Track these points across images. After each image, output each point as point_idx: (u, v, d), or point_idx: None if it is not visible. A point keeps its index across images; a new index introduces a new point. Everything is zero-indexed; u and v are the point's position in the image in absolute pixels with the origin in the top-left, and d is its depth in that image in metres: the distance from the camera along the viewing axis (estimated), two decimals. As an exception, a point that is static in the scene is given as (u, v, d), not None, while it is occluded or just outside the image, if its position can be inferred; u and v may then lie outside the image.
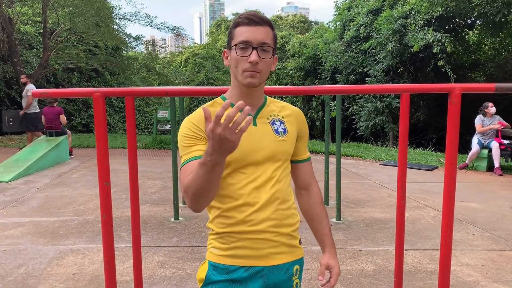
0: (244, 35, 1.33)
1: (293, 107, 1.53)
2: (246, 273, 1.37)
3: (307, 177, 1.56)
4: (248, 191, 1.36)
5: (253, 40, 1.32)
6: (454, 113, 1.87)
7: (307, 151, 1.58)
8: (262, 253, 1.37)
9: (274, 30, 1.40)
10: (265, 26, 1.35)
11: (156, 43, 24.20)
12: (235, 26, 1.37)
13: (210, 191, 1.23)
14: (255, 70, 1.33)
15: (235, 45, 1.34)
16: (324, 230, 1.54)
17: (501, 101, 13.04)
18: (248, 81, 1.34)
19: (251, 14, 1.36)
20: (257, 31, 1.33)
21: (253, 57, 1.31)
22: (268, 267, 1.38)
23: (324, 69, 17.95)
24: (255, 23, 1.34)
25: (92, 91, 1.90)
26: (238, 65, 1.35)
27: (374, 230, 4.60)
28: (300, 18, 45.52)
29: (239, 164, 1.36)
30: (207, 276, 1.40)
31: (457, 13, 12.37)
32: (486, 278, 3.43)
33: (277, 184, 1.39)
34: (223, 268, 1.38)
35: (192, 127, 1.36)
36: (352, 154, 10.33)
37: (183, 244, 4.15)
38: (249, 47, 1.32)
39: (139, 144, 12.02)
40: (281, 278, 1.40)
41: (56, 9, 14.75)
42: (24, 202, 5.71)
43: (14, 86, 16.21)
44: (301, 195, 1.58)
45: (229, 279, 1.37)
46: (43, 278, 3.36)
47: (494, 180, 7.49)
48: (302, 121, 1.52)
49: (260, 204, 1.35)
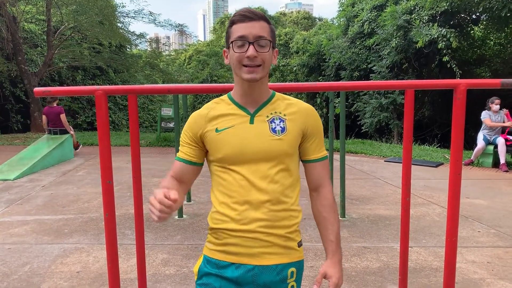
0: (240, 31, 1.33)
1: (302, 105, 1.47)
2: (237, 271, 1.37)
3: (318, 179, 1.48)
4: (240, 189, 1.36)
5: (248, 35, 1.32)
6: (459, 109, 1.85)
7: (320, 150, 1.48)
8: (253, 252, 1.36)
9: (271, 24, 1.39)
10: (260, 21, 1.35)
11: (160, 40, 24.21)
12: (230, 25, 1.38)
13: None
14: (254, 65, 1.33)
15: (232, 42, 1.35)
16: (329, 236, 1.44)
17: (507, 96, 12.95)
18: (248, 77, 1.34)
19: (244, 10, 1.36)
20: (251, 26, 1.33)
21: (250, 51, 1.32)
22: (259, 266, 1.37)
23: (328, 65, 17.88)
24: (249, 19, 1.34)
25: (94, 89, 1.89)
26: (237, 62, 1.35)
27: (378, 227, 4.58)
28: (304, 14, 45.42)
29: (231, 161, 1.36)
30: (199, 269, 1.44)
31: (462, 8, 12.27)
32: (492, 275, 3.41)
33: (271, 184, 1.36)
34: (215, 262, 1.40)
35: (187, 127, 1.47)
36: (356, 151, 10.30)
37: (187, 242, 4.15)
38: (246, 43, 1.33)
39: (144, 142, 12.04)
40: (272, 279, 1.38)
41: (60, 7, 14.79)
42: (28, 200, 5.74)
43: (19, 84, 16.27)
44: (312, 196, 1.51)
45: (220, 275, 1.38)
46: (47, 276, 3.37)
47: (500, 176, 7.44)
48: (312, 118, 1.45)
49: (250, 204, 1.35)
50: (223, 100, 1.46)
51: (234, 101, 1.44)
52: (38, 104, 14.93)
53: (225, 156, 1.36)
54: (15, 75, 15.86)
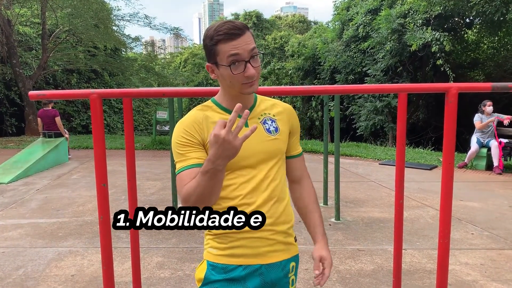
0: (231, 50, 1.27)
1: (283, 104, 1.53)
2: (244, 271, 1.38)
3: (300, 171, 1.57)
4: (244, 192, 1.37)
5: (242, 53, 1.28)
6: (451, 112, 1.87)
7: (299, 146, 1.58)
8: (259, 252, 1.39)
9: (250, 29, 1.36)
10: (245, 33, 1.29)
11: (155, 43, 24.20)
12: (215, 43, 1.29)
13: (212, 197, 1.27)
14: (253, 80, 1.33)
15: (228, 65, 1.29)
16: (316, 221, 1.53)
17: (500, 100, 13.04)
18: (249, 91, 1.35)
19: (228, 27, 1.28)
20: (242, 42, 1.28)
21: (251, 71, 1.30)
22: (266, 265, 1.40)
23: (323, 69, 17.94)
24: (236, 36, 1.27)
25: (89, 92, 1.89)
26: (236, 82, 1.32)
27: (373, 230, 4.60)
28: (299, 18, 45.52)
29: (233, 165, 1.36)
30: (206, 276, 1.41)
31: (456, 12, 12.36)
32: (485, 277, 3.43)
33: (272, 182, 1.41)
34: (222, 267, 1.39)
35: (185, 134, 1.35)
36: (351, 154, 10.33)
37: (182, 244, 4.15)
38: (242, 62, 1.28)
39: (139, 145, 12.01)
40: (278, 275, 1.43)
41: (55, 10, 14.76)
42: (23, 203, 5.71)
43: (14, 87, 16.20)
44: (293, 188, 1.59)
45: (227, 278, 1.38)
46: (41, 280, 3.36)
47: (493, 179, 7.49)
48: (294, 117, 1.53)
49: (256, 204, 1.37)
50: (210, 107, 1.43)
51: (223, 107, 1.41)
52: (33, 107, 14.86)
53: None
54: (10, 78, 15.80)
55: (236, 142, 1.13)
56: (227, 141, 1.12)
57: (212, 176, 1.20)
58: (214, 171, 1.19)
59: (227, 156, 1.16)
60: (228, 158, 1.17)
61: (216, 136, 1.12)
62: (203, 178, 1.21)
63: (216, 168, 1.18)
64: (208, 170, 1.19)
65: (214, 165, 1.17)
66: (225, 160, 1.17)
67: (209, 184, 1.22)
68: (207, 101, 1.48)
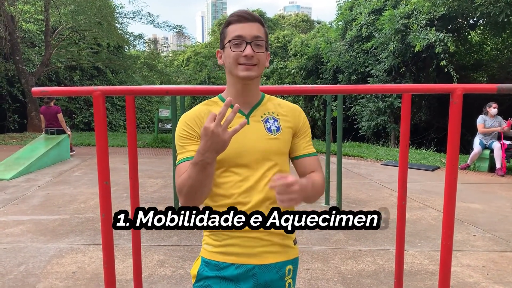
0: (237, 31, 1.35)
1: (290, 105, 1.51)
2: (236, 271, 1.37)
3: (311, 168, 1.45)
4: (240, 190, 1.37)
5: (246, 35, 1.35)
6: (456, 113, 1.86)
7: (310, 147, 1.48)
8: (253, 251, 1.37)
9: (265, 27, 1.42)
10: (256, 23, 1.38)
11: (158, 41, 24.20)
12: (227, 25, 1.40)
13: (203, 190, 1.28)
14: (250, 63, 1.35)
15: (229, 41, 1.36)
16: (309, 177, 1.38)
17: (503, 101, 13.00)
18: (244, 74, 1.35)
19: (242, 12, 1.39)
20: (249, 27, 1.36)
21: (248, 50, 1.34)
22: (259, 265, 1.38)
23: (326, 68, 17.91)
24: (246, 20, 1.37)
25: (92, 89, 1.89)
26: (233, 60, 1.36)
27: (374, 230, 4.59)
28: (302, 17, 45.45)
29: (230, 163, 1.36)
30: (199, 272, 1.43)
31: (460, 13, 12.33)
32: (486, 279, 3.42)
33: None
34: (215, 264, 1.40)
35: (186, 127, 1.39)
36: (353, 154, 10.32)
37: (183, 243, 4.14)
38: (243, 42, 1.35)
39: (141, 142, 12.02)
40: (272, 278, 1.40)
41: (58, 7, 14.78)
42: (25, 200, 5.72)
43: (16, 84, 16.23)
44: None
45: (220, 276, 1.38)
46: (43, 276, 3.36)
47: (496, 181, 7.47)
48: (300, 117, 1.49)
49: (251, 204, 1.36)
50: (215, 102, 1.46)
51: None
52: (35, 104, 14.89)
53: (226, 157, 1.35)
54: (13, 75, 15.82)
55: (224, 136, 1.15)
56: (216, 134, 1.14)
57: (202, 169, 1.21)
58: (203, 164, 1.20)
59: (215, 149, 1.18)
60: (216, 151, 1.18)
61: (206, 129, 1.14)
62: (193, 170, 1.22)
63: (205, 161, 1.19)
64: (197, 162, 1.20)
65: (203, 157, 1.19)
66: (214, 153, 1.19)
67: (199, 177, 1.23)
68: (214, 97, 1.50)
